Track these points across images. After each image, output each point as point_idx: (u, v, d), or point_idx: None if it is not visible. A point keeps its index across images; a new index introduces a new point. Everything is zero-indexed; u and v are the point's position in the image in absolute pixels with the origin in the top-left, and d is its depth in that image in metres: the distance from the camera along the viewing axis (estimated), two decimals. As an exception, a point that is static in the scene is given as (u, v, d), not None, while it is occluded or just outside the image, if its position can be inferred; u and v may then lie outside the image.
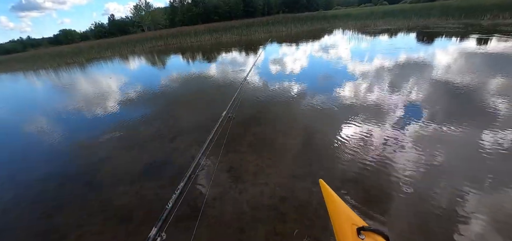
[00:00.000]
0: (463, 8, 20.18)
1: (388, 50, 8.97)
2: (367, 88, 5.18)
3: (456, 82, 4.96)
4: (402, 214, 2.04)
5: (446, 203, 2.09)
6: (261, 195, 2.45)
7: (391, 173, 2.53)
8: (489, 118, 3.39)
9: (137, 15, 72.59)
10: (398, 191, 2.28)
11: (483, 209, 2.00)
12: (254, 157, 3.07)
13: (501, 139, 2.89)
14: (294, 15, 35.95)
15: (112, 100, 6.52)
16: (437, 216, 1.99)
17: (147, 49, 20.01)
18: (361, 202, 2.19)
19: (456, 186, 2.26)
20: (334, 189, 0.87)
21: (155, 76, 9.27)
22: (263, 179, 2.67)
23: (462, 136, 3.06)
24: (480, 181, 2.29)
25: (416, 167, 2.57)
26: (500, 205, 2.03)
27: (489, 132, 3.06)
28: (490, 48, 7.63)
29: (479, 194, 2.15)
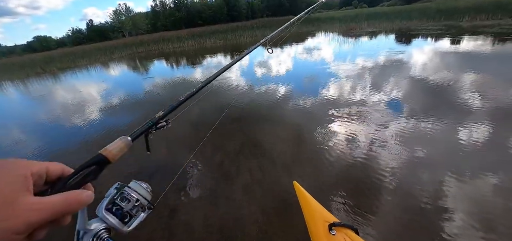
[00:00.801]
0: (441, 11, 20.63)
1: (386, 52, 8.65)
2: (375, 89, 5.15)
3: (447, 80, 5.16)
4: (387, 207, 2.12)
5: (427, 195, 2.20)
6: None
7: (375, 167, 2.66)
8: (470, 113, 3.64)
9: (117, 20, 69.98)
10: (381, 183, 2.39)
11: (460, 199, 2.12)
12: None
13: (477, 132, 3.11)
14: (279, 18, 35.71)
15: (79, 118, 5.67)
16: (420, 208, 2.08)
17: (126, 56, 18.86)
18: (347, 197, 2.29)
19: (436, 178, 2.38)
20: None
21: (132, 86, 8.41)
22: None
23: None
24: (459, 172, 2.41)
25: (400, 161, 2.72)
26: (477, 193, 2.16)
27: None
28: (480, 48, 7.51)
29: (457, 185, 2.27)
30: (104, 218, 0.42)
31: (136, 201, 0.47)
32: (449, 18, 17.07)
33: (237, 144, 3.46)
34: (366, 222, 2.01)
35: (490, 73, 5.30)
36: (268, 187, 2.55)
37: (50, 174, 0.36)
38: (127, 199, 0.46)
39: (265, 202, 2.35)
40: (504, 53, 7.07)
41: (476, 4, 22.60)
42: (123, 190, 0.47)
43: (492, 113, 3.53)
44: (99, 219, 0.42)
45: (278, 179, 2.65)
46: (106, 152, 0.43)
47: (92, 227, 0.41)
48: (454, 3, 30.54)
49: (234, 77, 7.56)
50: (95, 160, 0.41)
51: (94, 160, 0.41)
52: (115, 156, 0.44)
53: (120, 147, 0.46)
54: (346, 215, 2.10)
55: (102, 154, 0.42)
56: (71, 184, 0.37)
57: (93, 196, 0.37)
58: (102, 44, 35.51)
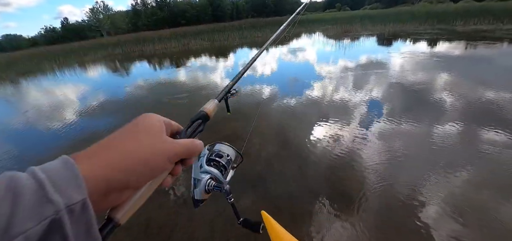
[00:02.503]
0: (432, 14, 20.18)
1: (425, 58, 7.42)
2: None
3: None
4: (370, 204, 2.14)
5: (407, 190, 2.25)
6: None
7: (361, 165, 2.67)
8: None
9: (95, 19, 65.40)
10: (364, 181, 2.41)
11: (437, 192, 2.20)
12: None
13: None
14: (266, 20, 34.26)
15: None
16: (400, 203, 2.13)
17: (101, 58, 16.56)
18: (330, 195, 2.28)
19: (415, 174, 2.45)
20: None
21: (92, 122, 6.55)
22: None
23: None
24: (435, 168, 2.50)
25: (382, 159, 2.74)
26: (452, 187, 2.25)
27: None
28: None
29: (434, 179, 2.35)
30: (208, 170, 0.53)
31: (227, 155, 0.59)
32: (441, 22, 16.46)
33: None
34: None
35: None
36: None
37: (172, 127, 0.41)
38: (219, 155, 0.58)
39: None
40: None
41: (459, 9, 22.53)
42: (214, 149, 0.60)
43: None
44: (205, 171, 0.53)
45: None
46: (206, 109, 0.49)
47: (202, 176, 0.52)
48: (435, 8, 30.76)
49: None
50: (200, 116, 0.48)
51: (200, 116, 0.48)
52: (211, 113, 0.51)
53: (214, 106, 0.52)
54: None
55: (203, 110, 0.49)
56: (189, 134, 0.43)
57: (203, 146, 0.43)
58: (78, 44, 32.35)
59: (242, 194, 2.42)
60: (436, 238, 1.80)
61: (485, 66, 6.19)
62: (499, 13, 15.57)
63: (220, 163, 0.56)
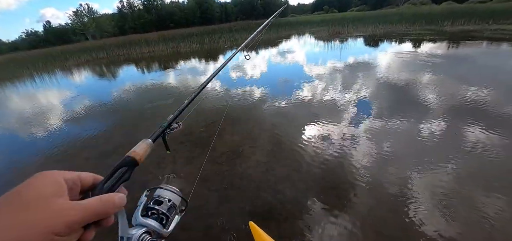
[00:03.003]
0: (417, 15, 20.40)
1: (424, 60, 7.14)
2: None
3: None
4: (360, 200, 2.14)
5: (396, 186, 2.25)
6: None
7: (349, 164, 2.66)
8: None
9: (79, 22, 63.07)
10: (354, 178, 2.40)
11: (425, 185, 2.23)
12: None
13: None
14: (256, 22, 33.87)
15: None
16: (391, 197, 2.13)
17: (84, 63, 15.63)
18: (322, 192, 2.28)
19: (404, 170, 2.46)
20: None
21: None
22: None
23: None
24: (422, 163, 2.53)
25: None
26: (438, 181, 2.27)
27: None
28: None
29: (421, 174, 2.38)
30: (143, 223, 0.43)
31: (169, 201, 0.49)
32: (430, 23, 16.57)
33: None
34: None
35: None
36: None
37: (83, 182, 0.36)
38: (159, 202, 0.48)
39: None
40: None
41: (444, 10, 22.97)
42: (153, 195, 0.49)
43: None
44: (139, 225, 0.43)
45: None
46: (133, 154, 0.42)
47: (133, 232, 0.41)
48: (421, 9, 31.40)
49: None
50: (125, 162, 0.41)
51: (123, 162, 0.41)
52: (141, 157, 0.43)
53: (145, 148, 0.45)
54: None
55: (130, 155, 0.42)
56: (107, 187, 0.37)
57: (125, 198, 0.37)
58: (60, 48, 30.82)
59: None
60: (424, 230, 1.82)
61: (484, 65, 6.00)
62: (482, 14, 15.82)
63: (159, 211, 0.46)
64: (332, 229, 1.91)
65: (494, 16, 14.82)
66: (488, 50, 7.80)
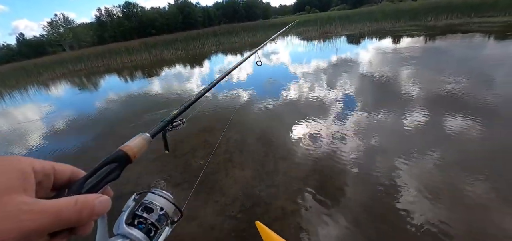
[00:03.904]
0: (400, 12, 20.57)
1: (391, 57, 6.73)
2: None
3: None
4: (352, 192, 2.12)
5: (385, 176, 2.24)
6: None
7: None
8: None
9: (54, 33, 59.67)
10: (346, 172, 2.38)
11: (412, 175, 2.22)
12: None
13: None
14: (241, 25, 33.16)
15: None
16: (381, 188, 2.11)
17: (59, 76, 14.32)
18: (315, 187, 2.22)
19: (391, 161, 2.44)
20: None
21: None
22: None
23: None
24: (407, 153, 2.52)
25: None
26: (425, 170, 2.27)
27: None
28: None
29: (408, 164, 2.37)
30: (126, 233, 0.35)
31: (161, 210, 0.41)
32: (413, 18, 16.66)
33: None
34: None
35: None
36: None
37: (59, 175, 0.28)
38: (149, 209, 0.39)
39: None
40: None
41: (425, 6, 23.43)
42: (143, 200, 0.41)
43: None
44: (121, 236, 0.35)
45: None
46: (126, 148, 0.36)
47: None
48: (401, 6, 32.05)
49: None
50: (115, 157, 0.34)
51: (113, 157, 0.34)
52: (135, 153, 0.37)
53: (141, 143, 0.39)
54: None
55: (122, 150, 0.35)
56: (89, 186, 0.30)
57: (110, 203, 0.29)
58: (34, 61, 28.65)
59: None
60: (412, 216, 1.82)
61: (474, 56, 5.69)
62: (463, 8, 16.06)
63: (147, 220, 0.38)
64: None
65: (474, 10, 15.05)
66: (486, 42, 7.59)
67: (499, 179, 2.04)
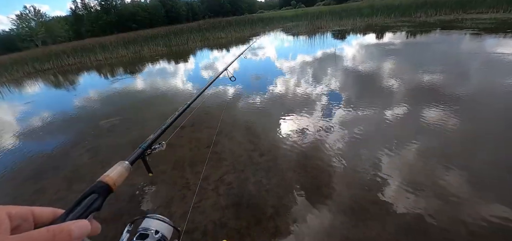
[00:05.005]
0: (390, 7, 20.04)
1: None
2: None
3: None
4: (339, 185, 2.09)
5: (371, 168, 2.23)
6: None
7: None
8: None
9: (25, 27, 54.77)
10: (331, 165, 2.34)
11: (395, 166, 2.21)
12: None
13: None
14: (227, 19, 31.58)
15: None
16: (366, 180, 2.09)
17: (17, 79, 12.42)
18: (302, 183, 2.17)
19: (375, 153, 2.41)
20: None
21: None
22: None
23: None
24: (390, 145, 2.50)
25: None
26: (407, 161, 2.26)
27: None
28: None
29: (391, 155, 2.36)
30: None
31: (156, 233, 0.41)
32: (403, 14, 16.15)
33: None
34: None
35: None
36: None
37: (39, 218, 0.28)
38: (144, 236, 0.40)
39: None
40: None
41: (411, 2, 23.16)
42: (138, 229, 0.40)
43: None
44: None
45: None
46: (106, 179, 0.36)
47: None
48: (387, 1, 31.82)
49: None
50: (95, 188, 0.33)
51: (94, 189, 0.33)
52: (115, 182, 0.37)
53: (120, 172, 0.39)
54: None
55: (102, 180, 0.35)
56: (74, 217, 0.29)
57: (89, 227, 0.28)
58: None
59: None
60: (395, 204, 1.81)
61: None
62: (453, 4, 15.68)
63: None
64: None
65: (462, 6, 14.70)
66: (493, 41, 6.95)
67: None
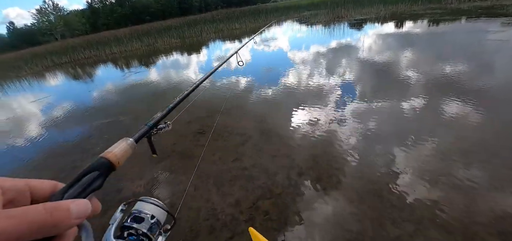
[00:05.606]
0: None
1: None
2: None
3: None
4: (350, 179, 2.02)
5: (384, 163, 2.12)
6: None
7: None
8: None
9: (44, 21, 56.35)
10: (344, 159, 2.25)
11: (410, 161, 2.09)
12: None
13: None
14: (241, 9, 30.75)
15: None
16: (380, 175, 1.99)
17: (37, 73, 12.52)
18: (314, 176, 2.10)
19: (389, 148, 2.28)
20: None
21: None
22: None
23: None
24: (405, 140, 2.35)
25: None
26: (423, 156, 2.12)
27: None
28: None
29: (406, 150, 2.22)
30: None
31: (152, 218, 0.38)
32: (431, 1, 14.70)
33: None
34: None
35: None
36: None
37: (36, 192, 0.26)
38: (139, 219, 0.37)
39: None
40: None
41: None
42: (132, 210, 0.38)
43: None
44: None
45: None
46: (109, 155, 0.33)
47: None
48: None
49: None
50: (96, 165, 0.31)
51: (95, 165, 0.31)
52: (119, 159, 0.34)
53: (124, 149, 0.36)
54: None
55: (104, 157, 0.33)
56: (71, 197, 0.27)
57: (90, 207, 0.26)
58: (14, 55, 26.50)
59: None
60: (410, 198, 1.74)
61: None
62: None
63: (138, 231, 0.36)
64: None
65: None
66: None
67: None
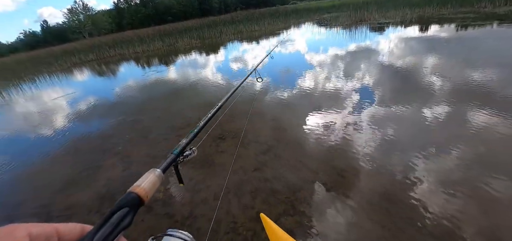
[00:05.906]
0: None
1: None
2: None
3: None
4: (366, 186, 2.00)
5: (401, 171, 2.08)
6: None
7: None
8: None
9: (74, 20, 59.76)
10: (360, 165, 2.22)
11: (430, 171, 2.04)
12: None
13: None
14: (260, 10, 30.81)
15: None
16: (396, 183, 1.97)
17: (66, 69, 13.20)
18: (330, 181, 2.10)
19: (408, 156, 2.25)
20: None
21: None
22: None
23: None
24: (426, 149, 2.29)
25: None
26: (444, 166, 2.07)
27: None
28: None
29: (426, 160, 2.17)
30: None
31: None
32: (463, 4, 13.69)
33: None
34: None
35: None
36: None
37: (64, 237, 0.26)
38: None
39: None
40: None
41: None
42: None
43: None
44: None
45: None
46: (138, 190, 0.32)
47: None
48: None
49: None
50: (125, 202, 0.30)
51: (124, 202, 0.30)
52: (148, 193, 0.33)
53: (153, 181, 0.35)
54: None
55: (133, 191, 0.32)
56: (100, 239, 0.26)
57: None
58: (45, 51, 28.28)
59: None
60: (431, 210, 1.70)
61: None
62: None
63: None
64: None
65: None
66: None
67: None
